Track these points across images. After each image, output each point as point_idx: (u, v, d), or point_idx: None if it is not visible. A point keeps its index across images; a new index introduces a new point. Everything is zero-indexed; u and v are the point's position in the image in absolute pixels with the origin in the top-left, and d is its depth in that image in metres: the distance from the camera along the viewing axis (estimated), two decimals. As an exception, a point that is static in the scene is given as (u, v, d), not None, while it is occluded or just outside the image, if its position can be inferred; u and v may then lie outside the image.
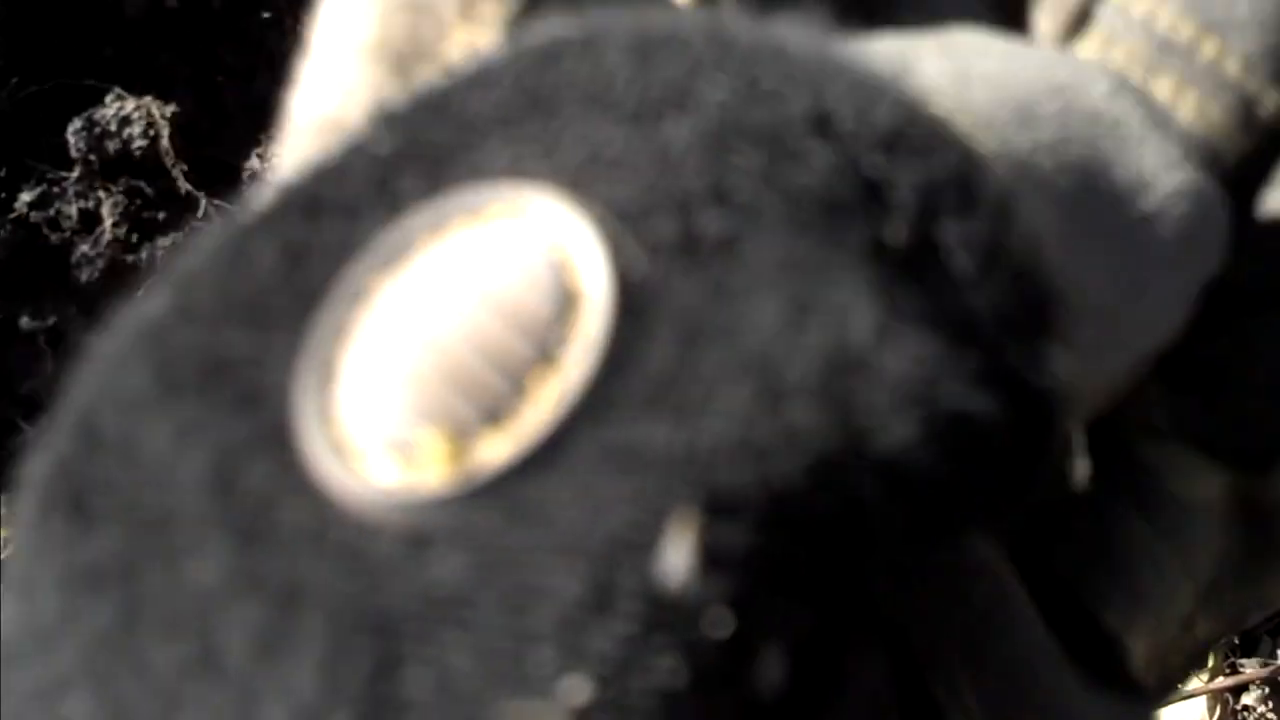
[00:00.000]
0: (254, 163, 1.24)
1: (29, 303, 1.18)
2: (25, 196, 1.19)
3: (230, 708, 0.19)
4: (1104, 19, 0.35)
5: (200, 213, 1.22)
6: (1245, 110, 0.34)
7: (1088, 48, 0.35)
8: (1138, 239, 0.31)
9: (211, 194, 1.23)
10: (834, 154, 0.23)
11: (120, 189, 1.22)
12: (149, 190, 1.23)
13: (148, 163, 1.23)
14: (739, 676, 0.20)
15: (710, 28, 0.24)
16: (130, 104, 1.23)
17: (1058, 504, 0.32)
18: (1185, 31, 0.34)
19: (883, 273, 0.22)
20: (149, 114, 1.22)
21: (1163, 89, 0.34)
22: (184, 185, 1.22)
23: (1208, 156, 0.34)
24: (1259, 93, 0.34)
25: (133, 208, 1.23)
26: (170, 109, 1.23)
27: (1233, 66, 0.34)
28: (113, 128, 1.22)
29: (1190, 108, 0.34)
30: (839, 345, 0.21)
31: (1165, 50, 0.34)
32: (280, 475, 0.20)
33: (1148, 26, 0.34)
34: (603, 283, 0.21)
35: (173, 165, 1.22)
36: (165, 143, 1.22)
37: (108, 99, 1.23)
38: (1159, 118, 0.33)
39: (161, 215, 1.23)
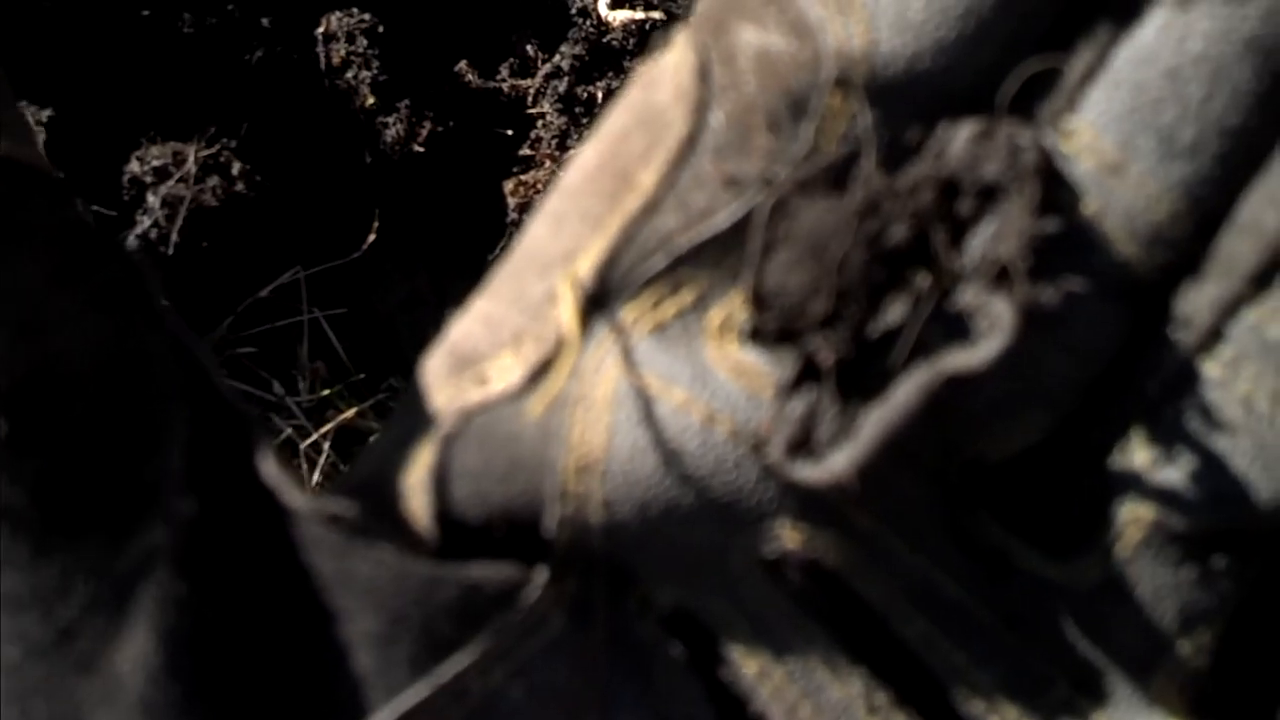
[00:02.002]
0: (133, 166, 1.21)
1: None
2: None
3: None
4: (1236, 336, 0.35)
5: None
6: None
7: (1213, 367, 0.35)
8: None
9: (89, 200, 1.18)
10: None
11: (-6, 196, 1.17)
12: None
13: None
14: None
15: None
16: None
17: None
18: None
19: None
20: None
21: None
22: None
23: None
24: None
25: (8, 215, 1.17)
26: (45, 113, 1.19)
27: None
28: None
29: None
30: None
31: None
32: None
33: None
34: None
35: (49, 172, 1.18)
36: (41, 148, 1.18)
37: None
38: None
39: None
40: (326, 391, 1.26)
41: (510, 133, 1.28)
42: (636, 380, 0.35)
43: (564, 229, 0.36)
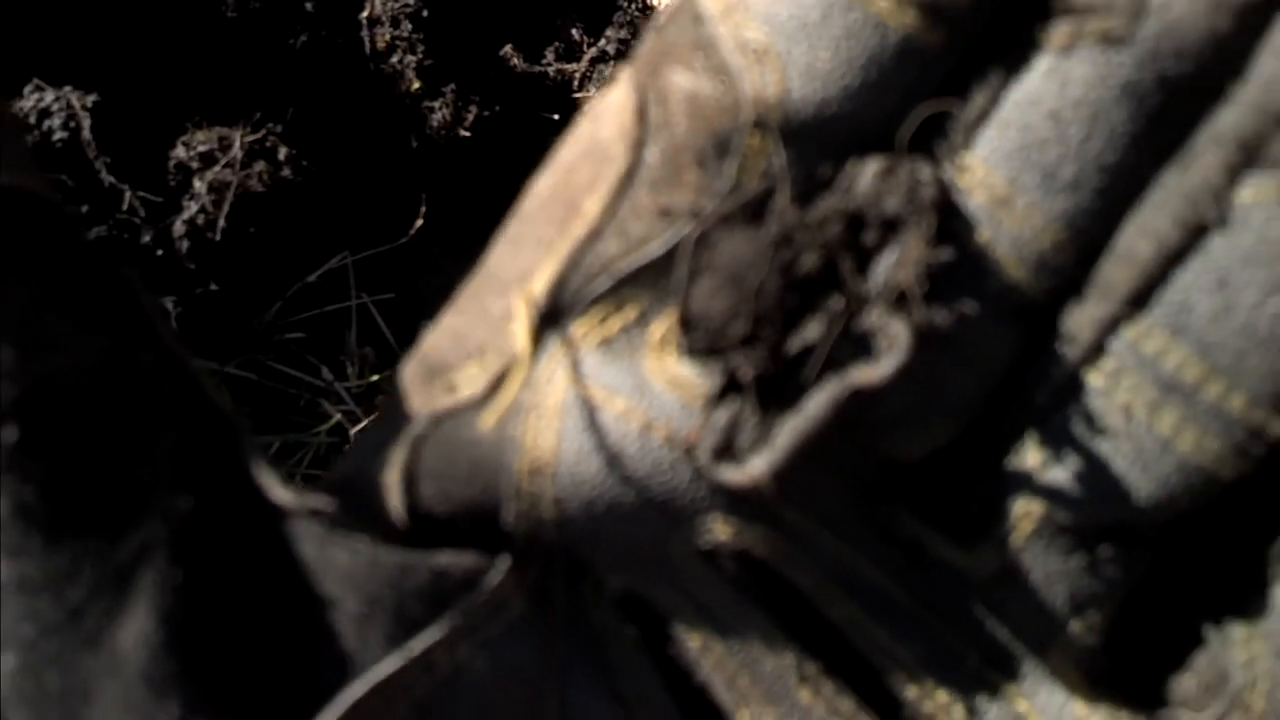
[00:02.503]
0: (179, 152, 1.26)
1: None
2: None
3: None
4: (1115, 351, 0.40)
5: (124, 205, 1.23)
6: (1249, 439, 0.39)
7: (1096, 378, 0.40)
8: None
9: (135, 186, 1.24)
10: None
11: (42, 183, 1.21)
12: (71, 183, 1.23)
13: (69, 155, 1.23)
14: None
15: None
16: (49, 95, 1.23)
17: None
18: (1192, 373, 0.39)
19: None
20: (69, 105, 1.23)
21: (1164, 424, 0.39)
22: (107, 177, 1.23)
23: (1204, 480, 0.40)
24: (1264, 423, 0.39)
25: (55, 202, 1.21)
26: (91, 99, 1.24)
27: (1238, 403, 0.39)
28: (32, 120, 1.22)
29: (1189, 442, 0.39)
30: None
31: (1169, 389, 0.39)
32: None
33: (1156, 365, 0.39)
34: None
35: (95, 157, 1.23)
36: (86, 134, 1.22)
37: (26, 90, 1.24)
38: None
39: (84, 208, 1.23)
40: (375, 377, 1.30)
41: (556, 117, 1.32)
42: (583, 391, 0.41)
43: (521, 252, 0.42)
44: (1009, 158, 0.39)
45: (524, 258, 0.42)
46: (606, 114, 0.42)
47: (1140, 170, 0.39)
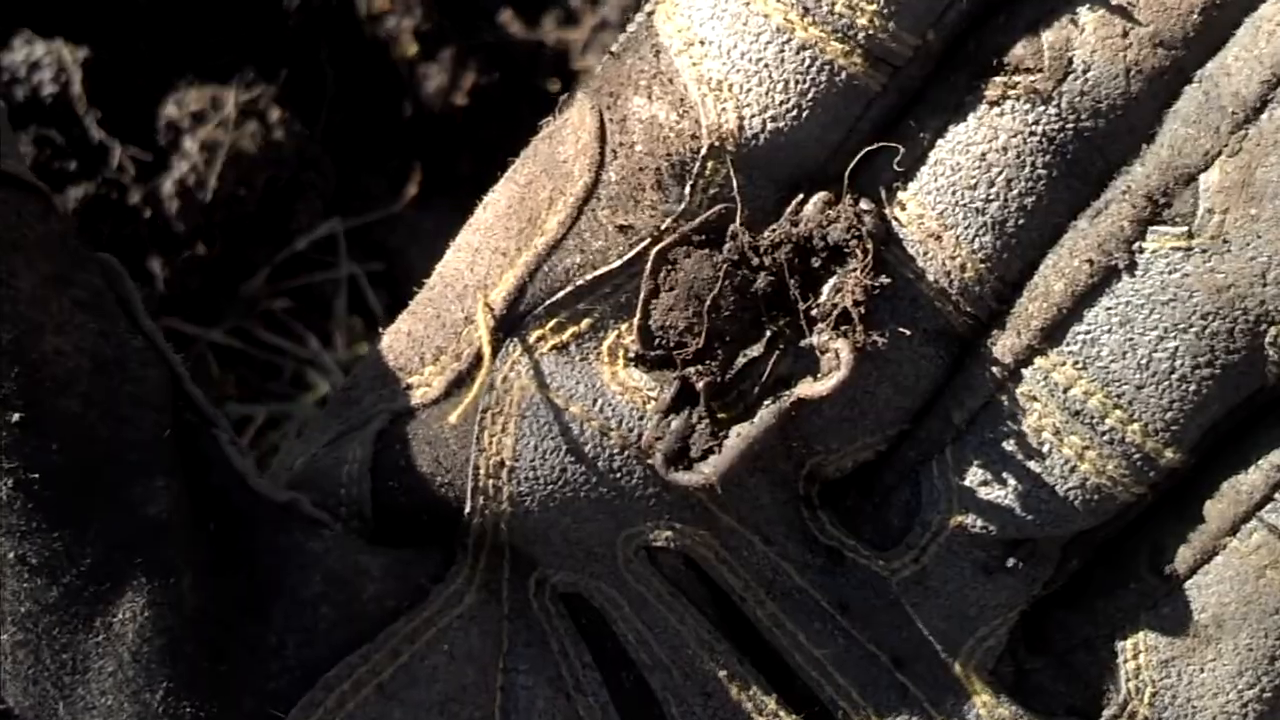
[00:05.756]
0: (170, 110, 1.26)
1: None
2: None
3: None
4: (1028, 379, 0.45)
5: (114, 163, 1.23)
6: (1143, 465, 0.44)
7: (1010, 402, 0.45)
8: None
9: (125, 142, 1.24)
10: None
11: (29, 137, 1.23)
12: (59, 139, 1.24)
13: (58, 110, 1.24)
14: None
15: None
16: (40, 48, 1.23)
17: None
18: (1095, 401, 0.44)
19: None
20: (59, 59, 1.24)
21: (1069, 447, 0.44)
22: (96, 133, 1.24)
23: (1102, 501, 0.45)
24: (1157, 451, 0.44)
25: (43, 157, 1.23)
26: (82, 53, 1.24)
27: (1134, 432, 0.44)
28: (21, 73, 1.23)
29: (1089, 464, 0.44)
30: None
31: (1075, 416, 0.44)
32: None
33: (1064, 393, 0.44)
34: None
35: (84, 112, 1.24)
36: (77, 89, 1.23)
37: (15, 43, 1.24)
38: None
39: (73, 165, 1.24)
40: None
41: (556, 86, 1.33)
42: (542, 394, 0.45)
43: (479, 261, 0.46)
44: (940, 195, 0.44)
45: (482, 267, 0.46)
46: (564, 134, 0.46)
47: (1057, 215, 0.44)
